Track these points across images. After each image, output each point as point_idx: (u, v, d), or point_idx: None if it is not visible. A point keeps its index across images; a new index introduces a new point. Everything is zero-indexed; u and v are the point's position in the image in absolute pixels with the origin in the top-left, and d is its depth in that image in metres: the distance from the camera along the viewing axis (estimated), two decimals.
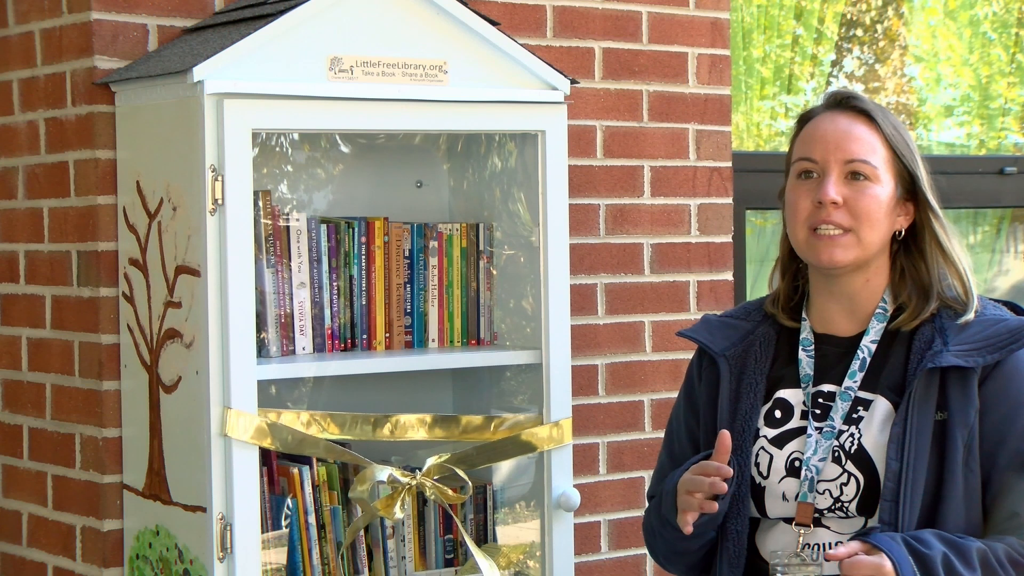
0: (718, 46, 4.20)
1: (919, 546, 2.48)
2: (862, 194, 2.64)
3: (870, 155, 2.65)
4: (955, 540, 2.52)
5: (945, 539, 2.51)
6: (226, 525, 3.11)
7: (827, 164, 2.65)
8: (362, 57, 3.24)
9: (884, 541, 2.47)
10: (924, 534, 2.51)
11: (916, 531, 2.52)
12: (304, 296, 3.36)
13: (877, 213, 2.64)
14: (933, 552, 2.48)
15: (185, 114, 3.12)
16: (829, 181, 2.64)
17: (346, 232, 3.43)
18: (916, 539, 2.49)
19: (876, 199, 2.64)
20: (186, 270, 3.15)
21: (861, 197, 2.64)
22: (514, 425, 3.45)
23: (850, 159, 2.64)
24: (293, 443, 3.23)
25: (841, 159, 2.65)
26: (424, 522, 3.49)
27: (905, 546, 2.47)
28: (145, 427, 3.30)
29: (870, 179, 2.64)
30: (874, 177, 2.65)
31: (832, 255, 2.64)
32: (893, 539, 2.48)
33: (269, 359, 3.28)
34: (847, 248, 2.64)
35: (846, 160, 2.64)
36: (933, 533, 2.52)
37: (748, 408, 2.70)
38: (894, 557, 2.45)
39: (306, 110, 3.18)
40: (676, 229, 4.14)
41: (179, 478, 3.22)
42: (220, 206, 3.08)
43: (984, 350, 2.59)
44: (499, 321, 3.62)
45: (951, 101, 5.85)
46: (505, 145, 3.60)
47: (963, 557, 2.50)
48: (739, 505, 2.66)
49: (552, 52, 3.90)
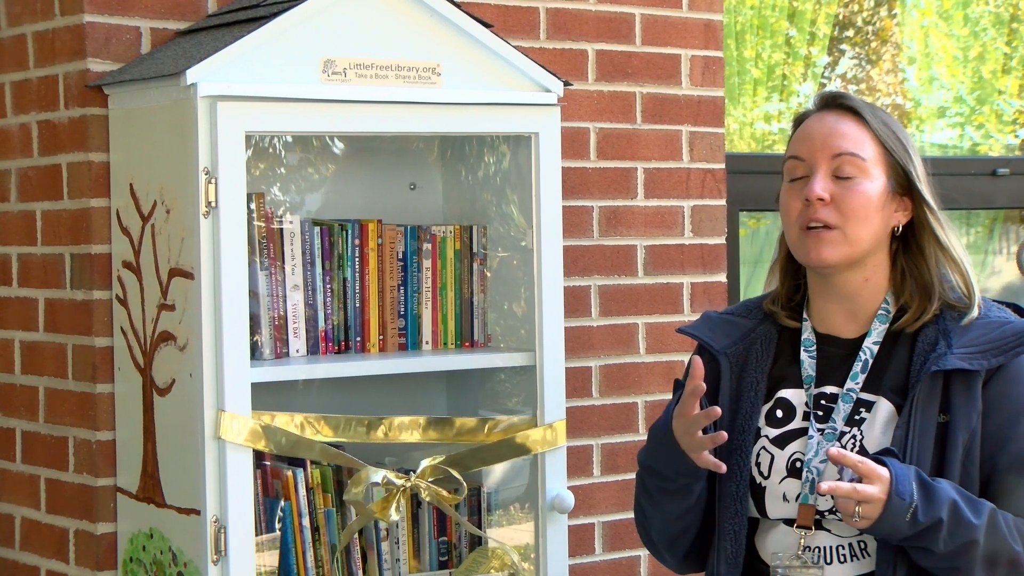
0: (711, 48, 4.21)
1: (928, 479, 2.49)
2: (850, 190, 2.63)
3: (857, 149, 2.64)
4: (967, 493, 2.52)
5: (957, 488, 2.52)
6: (220, 528, 3.11)
7: (814, 161, 2.65)
8: (355, 59, 3.25)
9: (892, 460, 2.49)
10: (937, 479, 2.52)
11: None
12: (298, 298, 3.36)
13: (866, 209, 2.63)
14: (941, 487, 2.49)
15: (178, 117, 3.13)
16: (816, 178, 2.63)
17: (340, 234, 3.44)
18: (927, 477, 2.50)
19: (864, 195, 2.63)
20: (179, 272, 3.16)
21: (849, 193, 2.63)
22: (508, 427, 3.46)
23: (836, 153, 2.63)
24: (287, 445, 3.24)
25: (828, 155, 2.64)
26: (418, 524, 3.50)
27: (915, 476, 2.48)
28: (139, 430, 3.30)
29: (858, 174, 2.63)
30: (862, 172, 2.64)
31: (820, 253, 2.63)
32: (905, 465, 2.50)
33: (263, 362, 3.29)
34: (835, 245, 2.63)
35: (832, 155, 2.64)
36: (947, 482, 2.52)
37: (749, 407, 2.70)
38: (894, 470, 2.46)
39: (299, 112, 3.19)
40: (670, 231, 4.15)
41: (173, 481, 3.22)
42: (213, 208, 3.09)
43: (989, 353, 2.59)
44: (493, 323, 3.62)
45: (943, 103, 5.87)
46: (498, 147, 3.61)
47: (972, 504, 2.51)
48: (738, 505, 2.66)
49: (545, 54, 3.91)
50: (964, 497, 2.51)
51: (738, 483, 2.66)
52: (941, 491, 2.49)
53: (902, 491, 2.46)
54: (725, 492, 2.68)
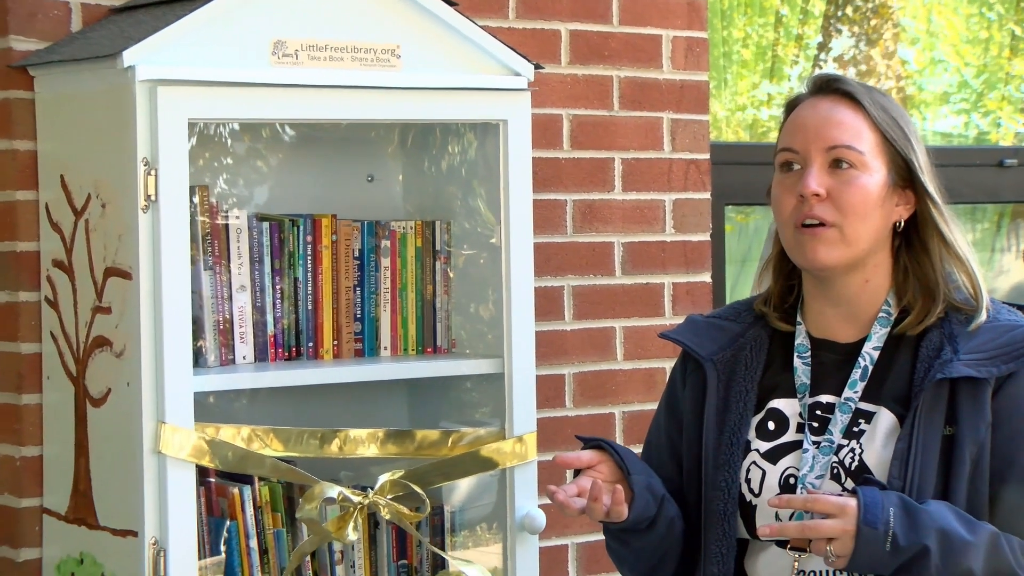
0: (695, 28, 4.23)
1: (914, 504, 2.48)
2: (847, 185, 2.63)
3: (854, 140, 2.64)
4: (967, 516, 2.51)
5: (956, 512, 2.51)
6: (160, 551, 3.11)
7: (808, 153, 2.65)
8: (308, 40, 3.25)
9: (864, 488, 2.50)
10: (931, 503, 2.52)
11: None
12: (245, 300, 3.37)
13: (864, 205, 2.63)
14: (930, 511, 2.48)
15: (114, 102, 3.13)
16: (810, 172, 2.63)
17: (290, 231, 3.44)
18: (913, 502, 2.49)
19: (863, 189, 2.63)
20: (116, 272, 3.16)
21: (846, 188, 2.63)
22: (474, 440, 3.47)
23: (832, 145, 2.64)
24: (233, 460, 3.24)
25: (822, 147, 2.64)
26: (376, 545, 3.51)
27: (898, 501, 2.48)
28: (70, 445, 3.30)
29: (856, 167, 2.63)
30: (860, 164, 2.63)
31: (817, 254, 2.63)
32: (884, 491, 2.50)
33: (207, 369, 3.29)
34: (832, 245, 2.63)
35: (828, 147, 2.64)
36: (945, 505, 2.52)
37: (737, 418, 2.70)
38: (863, 499, 2.46)
39: (247, 98, 3.19)
40: (650, 227, 4.16)
41: (108, 500, 3.22)
42: (153, 203, 3.09)
43: (998, 359, 2.59)
44: (457, 327, 3.63)
45: (948, 87, 5.90)
46: (464, 136, 3.62)
47: (970, 527, 2.50)
48: (725, 525, 2.66)
49: (515, 35, 3.92)
50: (962, 520, 2.50)
51: (726, 501, 2.67)
52: (928, 516, 2.48)
53: (872, 519, 2.45)
54: (712, 511, 2.69)
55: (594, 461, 2.65)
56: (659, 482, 2.70)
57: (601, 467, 2.65)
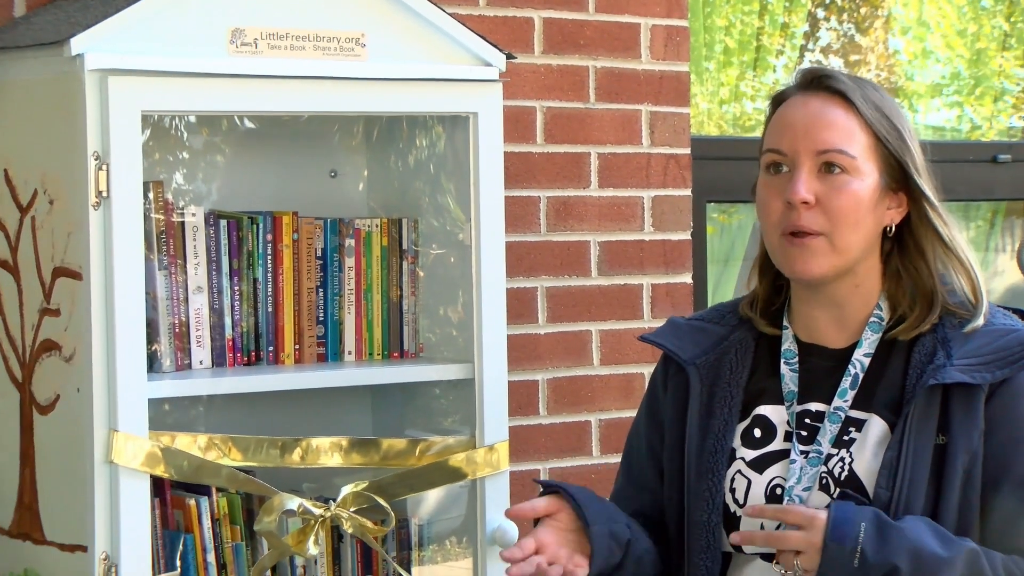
0: (675, 16, 4.24)
1: (888, 521, 2.50)
2: (838, 191, 2.62)
3: (846, 143, 2.64)
4: (947, 534, 2.52)
5: (935, 529, 2.52)
6: (111, 566, 3.11)
7: (797, 156, 2.64)
8: (268, 28, 3.25)
9: (838, 503, 2.52)
10: (907, 519, 2.53)
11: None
12: (201, 302, 3.37)
13: (856, 212, 2.63)
14: (905, 529, 2.49)
15: (62, 93, 3.13)
16: (799, 178, 2.62)
17: (249, 229, 3.44)
18: (888, 519, 2.51)
19: (855, 195, 2.63)
20: (65, 272, 3.16)
21: (837, 194, 2.62)
22: (442, 449, 3.47)
23: (822, 149, 2.63)
24: (189, 471, 3.24)
25: (812, 150, 2.63)
26: (340, 560, 3.51)
27: (872, 517, 2.49)
28: (15, 454, 3.29)
29: (847, 171, 2.63)
30: (852, 169, 2.63)
31: (805, 265, 2.63)
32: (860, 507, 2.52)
33: (162, 374, 3.29)
34: (821, 255, 2.63)
35: (818, 151, 2.63)
36: (923, 522, 2.53)
37: (721, 425, 2.71)
38: (834, 514, 2.48)
39: (204, 89, 3.19)
40: (627, 225, 4.17)
41: (55, 513, 3.22)
42: (105, 199, 3.09)
43: (993, 365, 2.60)
44: (425, 331, 3.64)
45: (940, 79, 5.92)
46: (432, 129, 3.62)
47: (948, 545, 2.50)
48: (709, 537, 2.67)
49: (486, 23, 3.93)
50: (939, 537, 2.51)
51: (710, 512, 2.67)
52: (901, 534, 2.49)
53: (840, 535, 2.47)
54: (695, 523, 2.69)
55: (551, 509, 2.63)
56: (624, 523, 2.69)
57: (560, 516, 2.64)
